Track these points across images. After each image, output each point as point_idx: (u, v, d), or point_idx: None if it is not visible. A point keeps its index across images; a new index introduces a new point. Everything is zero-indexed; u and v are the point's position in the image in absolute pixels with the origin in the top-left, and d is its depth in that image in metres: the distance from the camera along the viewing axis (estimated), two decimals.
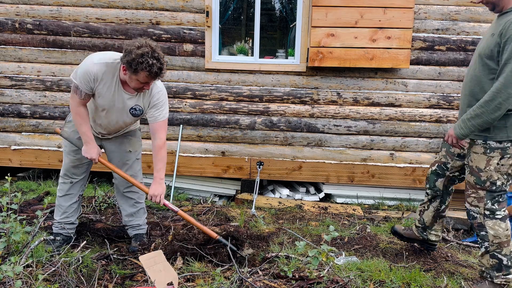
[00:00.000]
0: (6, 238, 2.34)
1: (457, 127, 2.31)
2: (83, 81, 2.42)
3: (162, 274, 2.18)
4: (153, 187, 2.65)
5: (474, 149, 2.35)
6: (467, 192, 2.44)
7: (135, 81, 2.38)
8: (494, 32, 2.20)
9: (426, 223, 2.86)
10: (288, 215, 3.92)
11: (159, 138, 2.63)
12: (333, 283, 2.31)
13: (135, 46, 2.29)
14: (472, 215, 2.42)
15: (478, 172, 2.34)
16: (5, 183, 2.87)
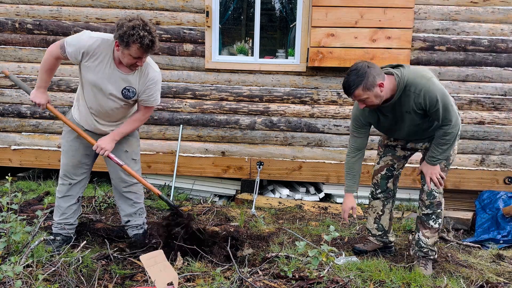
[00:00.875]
0: (6, 238, 2.34)
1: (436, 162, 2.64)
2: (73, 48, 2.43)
3: (162, 274, 2.18)
4: (104, 139, 2.65)
5: None
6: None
7: (128, 56, 2.38)
8: (408, 110, 2.52)
9: (385, 227, 3.00)
10: (288, 215, 3.92)
11: (142, 114, 2.69)
12: (333, 283, 2.31)
13: (127, 20, 2.32)
14: (434, 194, 2.71)
15: (449, 156, 2.71)
16: (6, 183, 2.87)
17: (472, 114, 4.39)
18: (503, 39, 4.27)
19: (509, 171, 4.43)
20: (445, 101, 2.44)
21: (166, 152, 4.50)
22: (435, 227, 2.74)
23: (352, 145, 2.82)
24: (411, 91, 2.46)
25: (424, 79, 2.44)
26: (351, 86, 2.42)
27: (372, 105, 2.50)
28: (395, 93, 2.49)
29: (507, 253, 3.30)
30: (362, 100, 2.48)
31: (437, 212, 2.72)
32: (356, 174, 2.82)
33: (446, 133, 2.52)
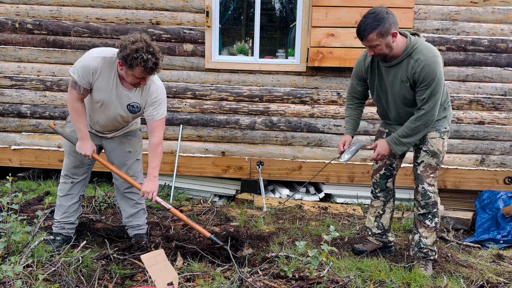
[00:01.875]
0: (6, 238, 2.34)
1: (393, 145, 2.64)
2: (82, 76, 2.42)
3: (163, 274, 2.18)
4: (146, 183, 2.66)
5: (430, 135, 2.68)
6: (426, 174, 2.70)
7: (131, 76, 2.38)
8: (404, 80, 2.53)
9: (385, 226, 3.00)
10: (288, 215, 3.92)
11: (156, 136, 2.62)
12: (333, 283, 2.31)
13: (130, 41, 2.29)
14: (428, 194, 2.70)
15: (439, 153, 2.68)
16: (6, 183, 2.88)
17: (472, 114, 4.39)
18: (503, 39, 4.27)
19: (509, 171, 4.43)
20: (437, 89, 2.45)
21: (166, 152, 4.50)
22: (432, 226, 2.74)
23: (350, 93, 2.92)
24: (415, 58, 2.45)
25: (432, 55, 2.43)
26: (366, 29, 2.40)
27: (381, 54, 2.49)
28: (401, 54, 2.50)
29: (507, 253, 3.30)
30: (372, 47, 2.45)
31: (433, 212, 2.73)
32: (355, 120, 2.91)
33: (418, 117, 2.52)
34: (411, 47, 2.48)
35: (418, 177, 2.74)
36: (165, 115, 2.67)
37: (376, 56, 2.54)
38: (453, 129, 4.40)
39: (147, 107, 2.60)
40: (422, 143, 2.70)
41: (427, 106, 2.49)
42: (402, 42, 2.50)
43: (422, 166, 2.71)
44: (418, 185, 2.73)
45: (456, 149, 4.44)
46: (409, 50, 2.48)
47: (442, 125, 2.68)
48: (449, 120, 2.73)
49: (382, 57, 2.54)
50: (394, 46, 2.47)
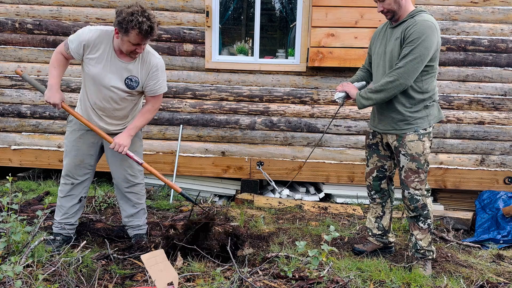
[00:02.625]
0: (6, 238, 2.34)
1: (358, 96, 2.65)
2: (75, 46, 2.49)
3: (163, 274, 2.18)
4: (121, 136, 2.62)
5: (408, 138, 2.64)
6: (410, 179, 2.68)
7: (127, 43, 2.39)
8: (398, 36, 2.56)
9: (386, 227, 3.01)
10: (288, 215, 3.92)
11: (152, 104, 2.68)
12: (333, 283, 2.31)
13: (125, 6, 2.36)
14: (416, 198, 2.69)
15: (419, 157, 2.64)
16: (6, 183, 2.88)
17: (472, 114, 4.39)
18: (503, 39, 4.27)
19: (509, 171, 4.43)
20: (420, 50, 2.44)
21: (166, 152, 4.50)
22: (425, 228, 2.73)
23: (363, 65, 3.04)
24: (414, 17, 2.53)
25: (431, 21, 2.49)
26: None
27: (389, 10, 2.57)
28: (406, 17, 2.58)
29: (507, 253, 3.30)
30: (381, 1, 2.57)
31: (424, 214, 2.71)
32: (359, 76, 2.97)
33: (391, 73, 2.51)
34: (417, 11, 2.56)
35: (402, 182, 2.73)
36: (166, 90, 2.72)
37: (385, 14, 2.62)
38: (453, 129, 4.40)
39: (148, 81, 2.59)
40: (401, 146, 2.66)
41: (402, 63, 2.47)
42: (411, 6, 2.60)
43: (404, 171, 2.69)
44: (404, 190, 2.73)
45: (456, 149, 4.44)
46: (414, 13, 2.56)
47: (421, 126, 2.62)
48: (430, 121, 2.66)
49: (390, 15, 2.61)
50: (403, 5, 2.56)
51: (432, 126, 2.67)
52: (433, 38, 2.47)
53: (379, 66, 2.74)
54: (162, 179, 2.76)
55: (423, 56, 2.46)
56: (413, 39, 2.45)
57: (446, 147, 4.43)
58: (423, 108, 2.61)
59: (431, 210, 2.74)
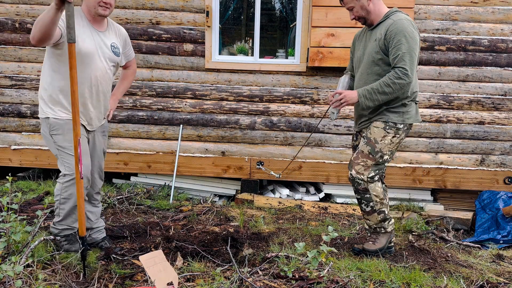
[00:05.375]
0: (6, 238, 2.34)
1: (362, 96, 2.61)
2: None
3: (162, 274, 2.18)
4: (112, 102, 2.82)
5: (375, 124, 2.72)
6: (357, 161, 2.76)
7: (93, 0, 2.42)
8: (376, 37, 2.63)
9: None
10: (288, 215, 3.92)
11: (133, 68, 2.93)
12: (333, 283, 2.31)
13: None
14: (357, 182, 2.76)
15: (374, 143, 2.70)
16: (6, 183, 2.87)
17: (472, 114, 4.39)
18: (503, 39, 4.27)
19: (509, 171, 4.43)
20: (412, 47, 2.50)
21: (166, 152, 4.50)
22: (367, 210, 2.81)
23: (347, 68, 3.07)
24: (391, 18, 2.61)
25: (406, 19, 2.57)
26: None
27: (359, 17, 2.69)
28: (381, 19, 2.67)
29: (507, 253, 3.30)
30: (350, 9, 2.69)
31: (366, 197, 2.78)
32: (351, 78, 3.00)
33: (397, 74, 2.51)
34: (391, 12, 2.66)
35: (350, 163, 2.83)
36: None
37: (357, 20, 2.72)
38: (453, 129, 4.40)
39: (125, 47, 2.77)
40: (367, 130, 2.78)
41: (404, 64, 2.49)
42: (385, 8, 2.70)
43: (356, 152, 2.80)
44: (349, 171, 2.82)
45: (456, 149, 4.44)
46: (389, 14, 2.66)
47: (392, 118, 2.67)
48: (404, 119, 2.68)
49: (362, 21, 2.73)
50: (372, 10, 2.65)
51: (405, 124, 2.70)
52: (415, 33, 2.56)
53: (361, 70, 2.79)
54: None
55: (414, 50, 2.52)
56: (398, 38, 2.51)
57: (446, 147, 4.43)
58: (400, 105, 2.67)
59: (377, 195, 2.75)
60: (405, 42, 2.50)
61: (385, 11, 2.68)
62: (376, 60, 2.65)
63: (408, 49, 2.50)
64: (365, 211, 2.83)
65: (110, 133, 4.47)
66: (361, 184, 2.76)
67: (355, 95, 2.65)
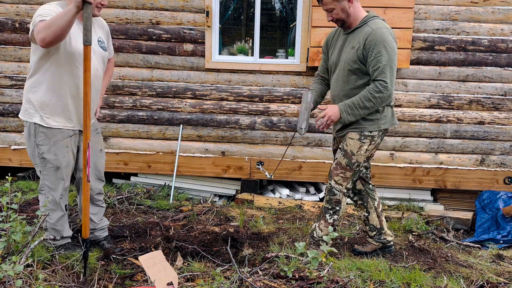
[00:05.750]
0: (6, 238, 2.34)
1: (344, 112, 2.58)
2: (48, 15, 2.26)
3: (162, 274, 2.18)
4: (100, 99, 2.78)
5: (350, 135, 2.69)
6: (336, 172, 2.74)
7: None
8: (354, 46, 2.57)
9: (377, 226, 2.98)
10: (288, 215, 3.92)
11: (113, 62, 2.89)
12: (333, 283, 2.31)
13: None
14: (334, 192, 2.76)
15: (351, 156, 2.69)
16: (6, 183, 2.87)
17: (472, 114, 4.39)
18: (503, 39, 4.27)
19: (509, 171, 4.43)
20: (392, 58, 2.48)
21: (166, 152, 4.50)
22: (330, 222, 2.80)
23: (317, 72, 3.00)
24: (370, 26, 2.55)
25: (385, 28, 2.54)
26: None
27: (338, 19, 2.60)
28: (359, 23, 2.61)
29: (507, 253, 3.30)
30: (329, 11, 2.59)
31: (335, 209, 2.78)
32: (318, 93, 2.92)
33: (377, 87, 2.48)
34: (369, 17, 2.61)
35: (330, 172, 2.82)
36: None
37: (335, 22, 2.65)
38: (453, 129, 4.40)
39: (108, 42, 2.71)
40: (343, 140, 2.75)
41: (384, 77, 2.47)
42: (363, 13, 2.64)
43: (335, 163, 2.78)
44: (328, 180, 2.81)
45: (456, 149, 4.44)
46: (367, 19, 2.60)
47: (366, 128, 2.65)
48: (380, 125, 2.66)
49: (340, 23, 2.65)
50: (352, 13, 2.59)
51: (381, 130, 2.67)
52: (394, 43, 2.52)
53: (337, 75, 2.74)
54: None
55: (394, 61, 2.50)
56: (378, 49, 2.47)
57: (446, 147, 4.43)
58: (375, 112, 2.62)
59: (344, 211, 2.84)
60: (385, 54, 2.46)
61: (363, 16, 2.62)
62: (354, 69, 2.60)
63: (388, 60, 2.47)
64: (327, 221, 2.80)
65: (110, 133, 4.47)
66: (337, 194, 2.75)
67: (337, 113, 2.60)
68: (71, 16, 2.10)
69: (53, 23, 2.12)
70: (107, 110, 4.44)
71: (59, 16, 2.13)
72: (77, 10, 2.08)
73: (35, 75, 2.42)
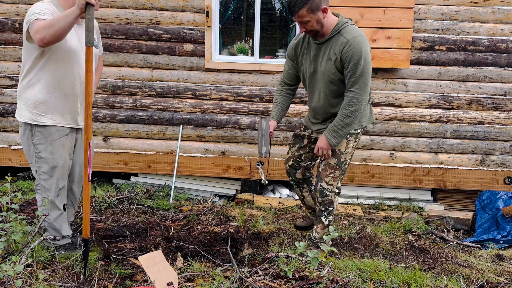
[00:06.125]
0: (6, 238, 2.34)
1: (331, 138, 2.64)
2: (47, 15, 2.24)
3: (162, 274, 2.18)
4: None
5: None
6: (326, 173, 2.77)
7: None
8: (331, 57, 2.54)
9: (312, 206, 3.21)
10: (288, 215, 3.92)
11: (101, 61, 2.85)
12: (333, 283, 2.31)
13: None
14: (325, 193, 2.78)
15: (340, 154, 2.74)
16: (6, 183, 2.87)
17: (472, 114, 4.39)
18: (503, 39, 4.27)
19: (509, 171, 4.43)
20: (366, 69, 2.48)
21: (166, 152, 4.50)
22: (325, 224, 2.84)
23: (282, 77, 2.95)
24: (344, 36, 2.49)
25: (359, 34, 2.48)
26: (297, 4, 2.41)
27: (312, 30, 2.51)
28: (332, 31, 2.54)
29: (507, 253, 3.30)
30: (304, 23, 2.47)
31: (329, 210, 2.82)
32: (281, 107, 2.92)
33: (351, 101, 2.51)
34: (341, 25, 2.53)
35: (318, 174, 2.82)
36: None
37: (307, 33, 2.57)
38: (453, 129, 4.40)
39: (98, 40, 2.69)
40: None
41: (357, 88, 2.49)
42: (333, 20, 2.55)
43: (323, 164, 2.79)
44: (318, 183, 2.82)
45: (456, 149, 4.44)
46: (339, 27, 2.52)
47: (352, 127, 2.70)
48: (362, 123, 2.74)
49: (313, 34, 2.56)
50: (325, 23, 2.51)
51: (362, 127, 2.77)
52: (369, 51, 2.51)
53: (315, 87, 2.73)
54: None
55: (369, 72, 2.51)
56: (355, 60, 2.44)
57: (446, 147, 4.43)
58: None
59: (336, 210, 2.87)
60: (361, 64, 2.46)
61: (334, 23, 2.54)
62: (335, 81, 2.60)
63: (362, 71, 2.47)
64: (323, 223, 2.84)
65: (110, 133, 4.47)
66: (328, 195, 2.78)
67: (326, 141, 2.67)
68: (73, 18, 2.11)
69: (55, 24, 2.12)
70: (107, 110, 4.44)
71: (61, 17, 2.13)
72: (80, 12, 2.09)
73: (30, 74, 2.42)
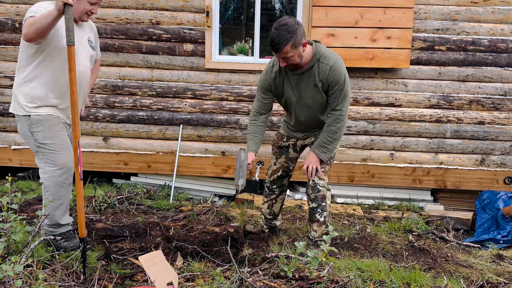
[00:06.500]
0: (6, 238, 2.34)
1: (321, 154, 2.77)
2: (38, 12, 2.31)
3: (162, 274, 2.18)
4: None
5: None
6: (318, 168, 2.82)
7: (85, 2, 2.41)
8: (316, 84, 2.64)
9: (276, 212, 3.26)
10: (288, 215, 3.92)
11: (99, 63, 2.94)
12: (333, 283, 2.31)
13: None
14: (318, 188, 2.80)
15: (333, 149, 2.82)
16: (6, 183, 2.87)
17: (472, 114, 4.39)
18: (503, 39, 4.27)
19: (509, 171, 4.43)
20: (348, 88, 2.65)
21: (166, 152, 4.50)
22: (321, 220, 2.82)
23: (255, 108, 2.95)
24: (324, 63, 2.60)
25: (337, 58, 2.63)
26: (282, 41, 2.45)
27: (293, 64, 2.58)
28: (311, 60, 2.63)
29: (507, 253, 3.30)
30: (286, 58, 2.53)
31: (322, 206, 2.81)
32: (258, 137, 3.00)
33: (337, 119, 2.66)
34: (317, 53, 2.63)
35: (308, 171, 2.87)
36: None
37: (288, 66, 2.64)
38: (453, 129, 4.40)
39: (96, 43, 2.75)
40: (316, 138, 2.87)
41: (342, 107, 2.65)
42: (310, 50, 2.64)
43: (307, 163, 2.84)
44: (309, 180, 2.85)
45: (456, 149, 4.44)
46: (317, 56, 2.63)
47: None
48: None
49: (293, 66, 2.64)
50: (304, 55, 2.60)
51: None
52: (346, 73, 2.64)
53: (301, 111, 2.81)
54: None
55: (349, 90, 2.68)
56: (339, 83, 2.60)
57: (446, 147, 4.43)
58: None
59: (330, 205, 2.87)
60: (345, 86, 2.62)
61: (311, 53, 2.62)
62: (323, 102, 2.73)
63: (345, 91, 2.64)
64: (318, 221, 2.83)
65: (110, 133, 4.47)
66: (321, 190, 2.79)
67: (316, 158, 2.80)
68: (53, 18, 2.19)
69: (37, 22, 2.22)
70: (107, 110, 4.44)
71: (43, 16, 2.22)
72: (58, 13, 2.15)
73: (27, 70, 2.49)
